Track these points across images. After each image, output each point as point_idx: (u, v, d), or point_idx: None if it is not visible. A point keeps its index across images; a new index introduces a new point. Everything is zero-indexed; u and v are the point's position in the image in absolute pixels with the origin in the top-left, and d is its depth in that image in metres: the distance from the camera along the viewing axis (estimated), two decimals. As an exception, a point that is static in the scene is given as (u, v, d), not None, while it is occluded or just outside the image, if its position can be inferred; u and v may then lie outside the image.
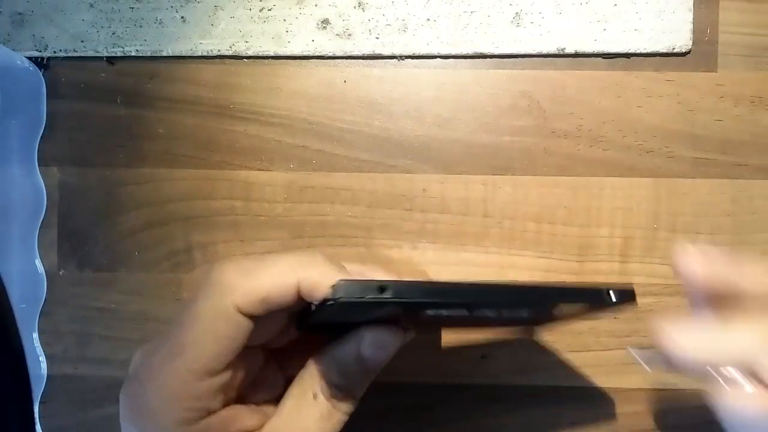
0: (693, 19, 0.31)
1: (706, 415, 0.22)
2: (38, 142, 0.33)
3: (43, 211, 0.33)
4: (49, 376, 0.33)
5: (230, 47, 0.32)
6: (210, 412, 0.22)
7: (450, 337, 0.32)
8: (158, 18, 0.32)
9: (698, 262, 0.21)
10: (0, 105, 0.31)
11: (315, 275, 0.21)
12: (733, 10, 0.32)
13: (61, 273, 0.33)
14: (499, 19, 0.32)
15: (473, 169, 0.32)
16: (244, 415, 0.23)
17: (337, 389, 0.24)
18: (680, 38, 0.31)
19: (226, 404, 0.23)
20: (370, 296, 0.20)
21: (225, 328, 0.21)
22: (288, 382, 0.25)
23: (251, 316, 0.22)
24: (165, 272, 0.33)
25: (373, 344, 0.23)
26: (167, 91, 0.33)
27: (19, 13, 0.32)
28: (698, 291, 0.21)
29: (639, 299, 0.31)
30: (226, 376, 0.22)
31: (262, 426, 0.23)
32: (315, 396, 0.24)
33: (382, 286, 0.20)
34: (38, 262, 0.33)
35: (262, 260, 0.22)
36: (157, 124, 0.33)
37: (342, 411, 0.24)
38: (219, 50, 0.32)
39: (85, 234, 0.33)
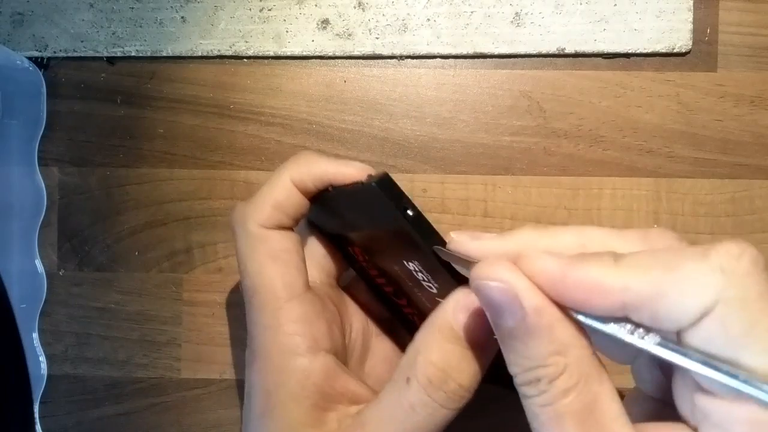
0: (693, 19, 0.31)
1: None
2: (38, 142, 0.33)
3: (43, 211, 0.33)
4: (49, 376, 0.33)
5: (230, 47, 0.32)
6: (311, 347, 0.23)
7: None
8: (158, 18, 0.32)
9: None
10: (0, 105, 0.31)
11: (302, 169, 0.24)
12: (733, 10, 0.32)
13: (61, 273, 0.33)
14: (499, 19, 0.32)
15: (473, 169, 0.32)
16: (350, 379, 0.23)
17: (435, 373, 0.20)
18: (680, 38, 0.31)
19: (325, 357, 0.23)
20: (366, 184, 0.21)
21: (266, 247, 0.23)
22: None
23: (281, 227, 0.24)
24: (165, 272, 0.33)
25: (459, 306, 0.20)
26: (167, 91, 0.33)
27: (19, 13, 0.32)
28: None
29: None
30: (310, 303, 0.23)
31: (365, 398, 0.23)
32: (408, 381, 0.20)
33: (405, 205, 0.21)
34: (38, 262, 0.33)
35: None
36: (157, 124, 0.33)
37: (438, 402, 0.20)
38: (219, 50, 0.32)
39: (85, 234, 0.33)
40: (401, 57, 0.32)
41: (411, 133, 0.32)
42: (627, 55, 0.32)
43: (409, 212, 0.21)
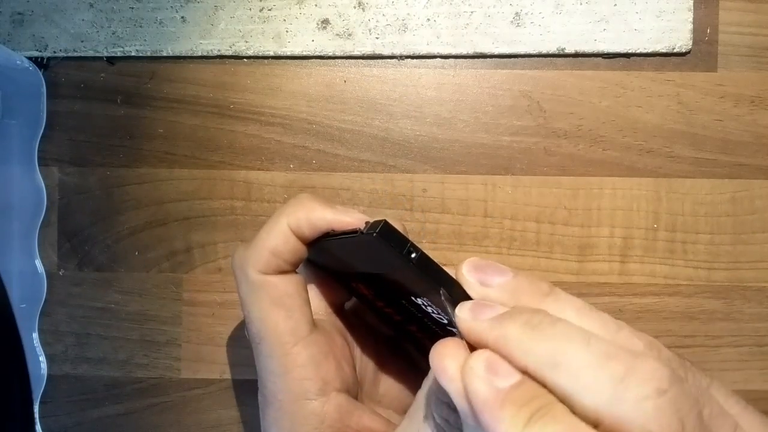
0: (693, 19, 0.31)
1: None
2: (38, 142, 0.33)
3: (43, 211, 0.33)
4: (49, 376, 0.33)
5: (230, 47, 0.32)
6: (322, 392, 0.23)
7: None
8: (158, 18, 0.32)
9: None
10: (0, 105, 0.31)
11: (300, 215, 0.23)
12: (733, 10, 0.32)
13: (61, 273, 0.33)
14: (499, 19, 0.32)
15: (473, 169, 0.32)
16: (363, 414, 0.23)
17: (451, 414, 0.20)
18: (680, 38, 0.31)
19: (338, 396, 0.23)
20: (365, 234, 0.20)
21: (267, 293, 0.23)
22: None
23: (281, 272, 0.23)
24: (165, 272, 0.33)
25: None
26: (167, 91, 0.33)
27: (19, 13, 0.33)
28: None
29: (639, 299, 0.32)
30: (317, 344, 0.23)
31: (381, 430, 0.23)
32: (426, 418, 0.20)
33: (409, 250, 0.20)
34: (38, 262, 0.33)
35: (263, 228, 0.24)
36: (157, 124, 0.33)
37: None
38: (219, 50, 0.32)
39: (85, 234, 0.33)
40: (401, 57, 0.32)
41: (411, 133, 0.32)
42: (627, 55, 0.32)
43: (413, 255, 0.20)
